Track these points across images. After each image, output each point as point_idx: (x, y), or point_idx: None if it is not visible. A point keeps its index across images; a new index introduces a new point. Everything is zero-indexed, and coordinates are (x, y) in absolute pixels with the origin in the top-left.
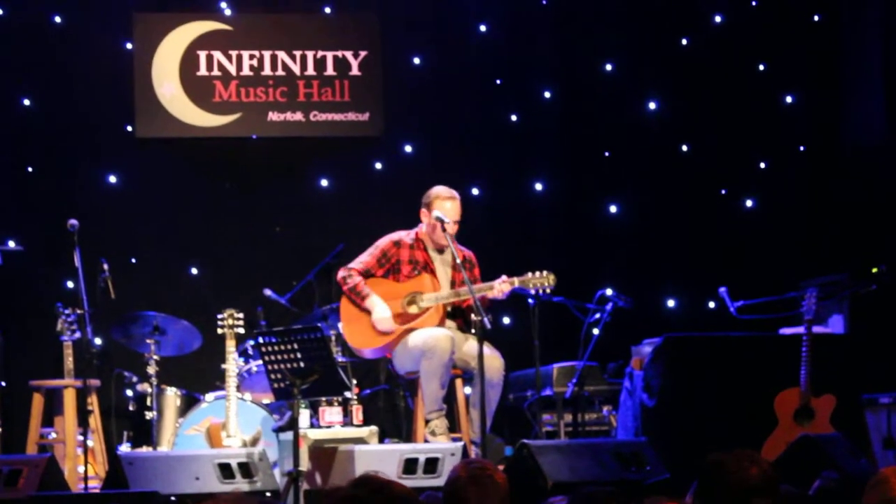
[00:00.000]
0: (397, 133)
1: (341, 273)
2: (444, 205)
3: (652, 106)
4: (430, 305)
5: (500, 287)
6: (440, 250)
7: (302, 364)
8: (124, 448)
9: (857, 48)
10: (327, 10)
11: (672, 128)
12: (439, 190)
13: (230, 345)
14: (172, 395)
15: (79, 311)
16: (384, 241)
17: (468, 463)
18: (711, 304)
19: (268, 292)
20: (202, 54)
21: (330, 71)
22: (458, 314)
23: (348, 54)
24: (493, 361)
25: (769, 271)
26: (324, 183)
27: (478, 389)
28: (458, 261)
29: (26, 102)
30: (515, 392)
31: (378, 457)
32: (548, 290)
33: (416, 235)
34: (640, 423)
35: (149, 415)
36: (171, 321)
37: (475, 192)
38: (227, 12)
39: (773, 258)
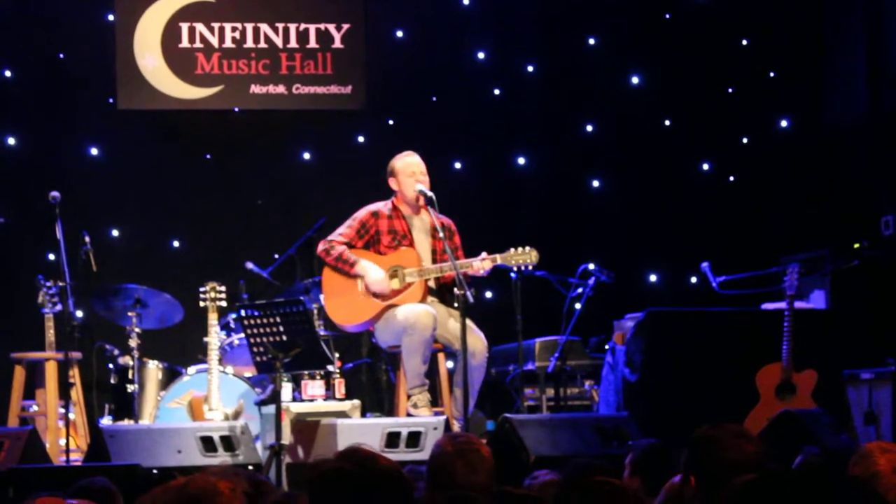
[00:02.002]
0: (380, 106)
1: (322, 246)
2: (409, 164)
3: (635, 80)
4: (414, 280)
5: (482, 265)
6: (416, 213)
7: (284, 337)
8: (106, 421)
9: (839, 24)
10: None
11: (655, 102)
12: (397, 156)
13: (212, 318)
14: (154, 368)
15: (60, 284)
16: (362, 213)
17: (453, 437)
18: (693, 280)
19: (250, 265)
20: (184, 26)
21: (312, 44)
22: (440, 288)
23: (331, 27)
24: (477, 343)
25: (751, 247)
26: (306, 156)
27: (461, 368)
28: (437, 227)
29: (7, 74)
30: (497, 366)
31: (360, 430)
32: (530, 267)
33: (393, 204)
34: (621, 398)
35: (130, 388)
36: (153, 294)
37: (458, 165)
38: None
39: (755, 233)
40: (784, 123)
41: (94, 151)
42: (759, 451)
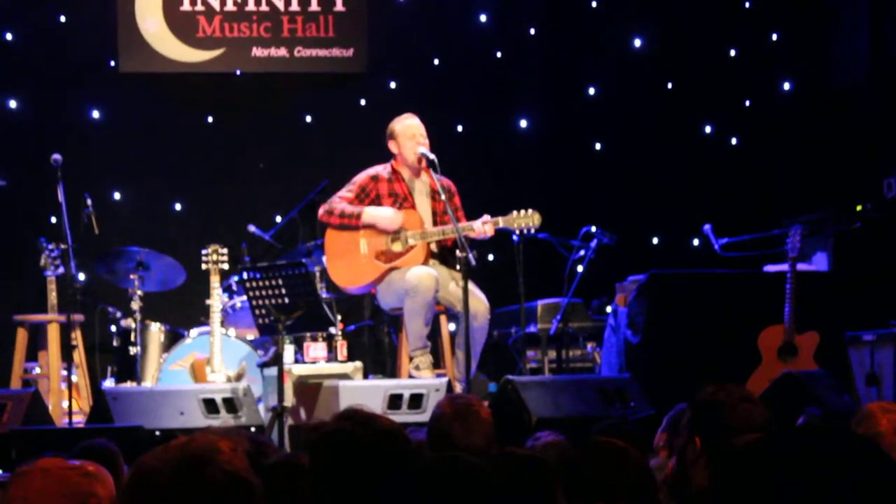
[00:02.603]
0: (382, 69)
1: (323, 209)
2: (409, 127)
3: (637, 43)
4: (416, 243)
5: (484, 228)
6: (416, 175)
7: (286, 300)
8: (108, 383)
9: None
10: None
11: (657, 65)
12: (396, 118)
13: (214, 280)
14: (156, 331)
15: (62, 246)
16: (361, 177)
17: (453, 398)
18: (696, 242)
19: (252, 228)
20: None
21: (314, 6)
22: (442, 250)
23: None
24: (479, 305)
25: (754, 209)
26: (308, 119)
27: (463, 329)
28: (438, 189)
29: (8, 37)
30: (500, 328)
31: (363, 392)
32: (533, 230)
33: (392, 167)
34: (623, 360)
35: (133, 350)
36: (155, 256)
37: (459, 128)
38: None
39: (758, 196)
40: (787, 86)
41: (95, 114)
42: (763, 414)
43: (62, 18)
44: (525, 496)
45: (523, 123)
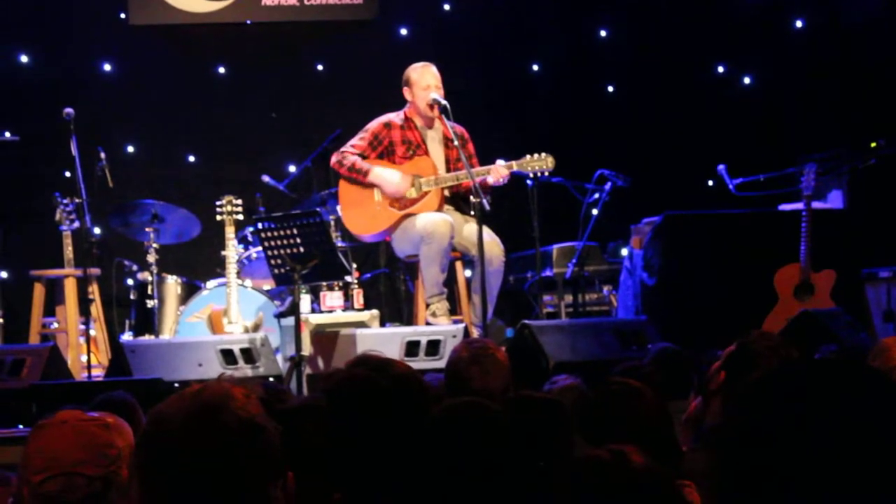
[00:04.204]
0: (392, 15)
1: (334, 158)
2: (424, 76)
3: None
4: (430, 189)
5: (499, 171)
6: (430, 124)
7: (302, 249)
8: (126, 336)
9: None
10: None
11: (668, 5)
12: (413, 66)
13: (229, 231)
14: (173, 283)
15: (77, 201)
16: (374, 124)
17: (469, 343)
18: (710, 182)
19: (266, 178)
20: None
21: None
22: (456, 196)
23: None
24: (494, 248)
25: (768, 148)
26: (320, 67)
27: (478, 274)
28: (451, 140)
29: None
30: (515, 273)
31: (380, 340)
32: (546, 173)
33: (405, 115)
34: (640, 302)
35: (150, 303)
36: (170, 209)
37: (471, 73)
38: None
39: (772, 134)
40: (799, 23)
41: (107, 67)
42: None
43: None
44: (542, 439)
45: (535, 67)
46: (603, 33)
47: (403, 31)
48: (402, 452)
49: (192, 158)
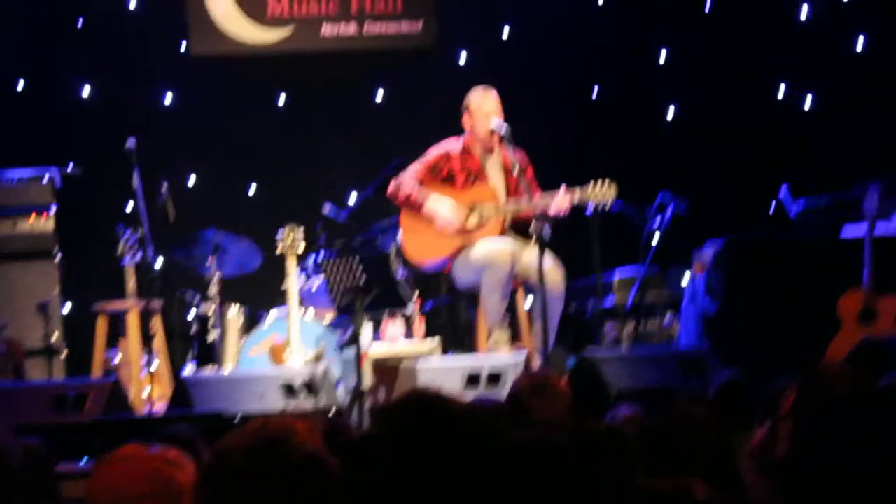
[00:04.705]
0: (451, 42)
1: (392, 186)
2: (484, 102)
3: (708, 5)
4: (491, 216)
5: (561, 202)
6: (489, 151)
7: (363, 280)
8: (188, 369)
9: None
10: None
11: (729, 26)
12: (474, 90)
13: (291, 262)
14: (235, 315)
15: (139, 233)
16: (433, 153)
17: (530, 374)
18: (773, 205)
19: (327, 208)
20: None
21: None
22: (516, 224)
23: None
24: (554, 274)
25: (831, 170)
26: (379, 96)
27: (539, 301)
28: (512, 167)
29: (79, 24)
30: (577, 301)
31: (441, 371)
32: (608, 204)
33: (464, 143)
34: (702, 328)
35: (212, 335)
36: (232, 239)
37: (531, 96)
38: None
39: (835, 156)
40: (861, 43)
41: (168, 98)
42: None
43: (132, 3)
44: (604, 472)
45: (596, 89)
46: (663, 55)
47: (463, 58)
48: (463, 488)
49: (253, 188)
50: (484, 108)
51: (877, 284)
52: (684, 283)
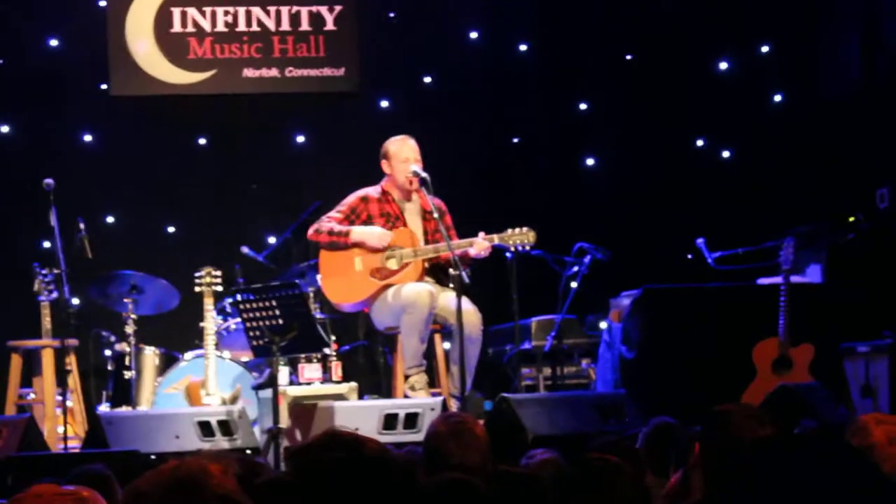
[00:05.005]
0: (374, 88)
1: (312, 228)
2: (402, 149)
3: (629, 58)
4: (410, 261)
5: (480, 245)
6: (408, 198)
7: (280, 321)
8: (103, 408)
9: None
10: None
11: (649, 79)
12: (391, 139)
13: (208, 303)
14: (151, 354)
15: (56, 271)
16: (351, 198)
17: (447, 417)
18: (689, 256)
19: (245, 249)
20: (176, 11)
21: (305, 26)
22: (435, 268)
23: (323, 9)
24: (472, 317)
25: (746, 222)
26: (300, 139)
27: (457, 344)
28: (430, 212)
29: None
30: (494, 346)
31: (358, 413)
32: (527, 248)
33: (382, 189)
34: (619, 376)
35: (127, 374)
36: (149, 280)
37: (452, 144)
38: None
39: (750, 208)
40: (778, 98)
41: (87, 138)
42: (769, 431)
43: (53, 42)
44: None
45: (515, 139)
46: (583, 106)
47: (384, 103)
48: None
49: (171, 229)
50: (402, 154)
51: (791, 334)
52: (602, 329)
